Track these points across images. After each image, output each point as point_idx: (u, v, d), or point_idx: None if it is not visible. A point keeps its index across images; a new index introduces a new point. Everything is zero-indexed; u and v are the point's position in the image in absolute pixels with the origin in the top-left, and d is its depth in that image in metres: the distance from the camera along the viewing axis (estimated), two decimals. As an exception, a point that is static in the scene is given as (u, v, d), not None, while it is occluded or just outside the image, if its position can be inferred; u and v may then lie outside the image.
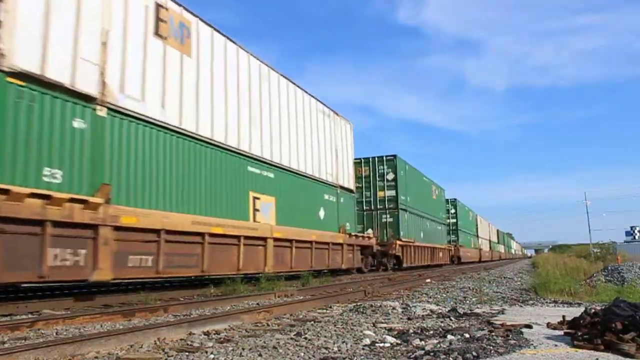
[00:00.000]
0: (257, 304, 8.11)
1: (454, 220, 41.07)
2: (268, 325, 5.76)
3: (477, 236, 51.07)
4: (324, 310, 7.30)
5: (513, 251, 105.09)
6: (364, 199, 24.00)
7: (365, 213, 23.90)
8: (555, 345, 4.30)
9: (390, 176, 24.02)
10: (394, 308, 7.09)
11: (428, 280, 14.87)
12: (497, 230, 74.63)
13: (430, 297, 9.60)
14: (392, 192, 23.81)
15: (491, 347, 4.11)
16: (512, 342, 4.38)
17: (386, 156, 24.35)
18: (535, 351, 4.05)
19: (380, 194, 23.96)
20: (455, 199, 42.06)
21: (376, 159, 24.35)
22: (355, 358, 3.91)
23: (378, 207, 23.96)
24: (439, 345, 4.25)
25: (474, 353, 3.84)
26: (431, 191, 32.07)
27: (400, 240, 23.47)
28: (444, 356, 3.76)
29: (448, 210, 39.73)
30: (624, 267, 13.04)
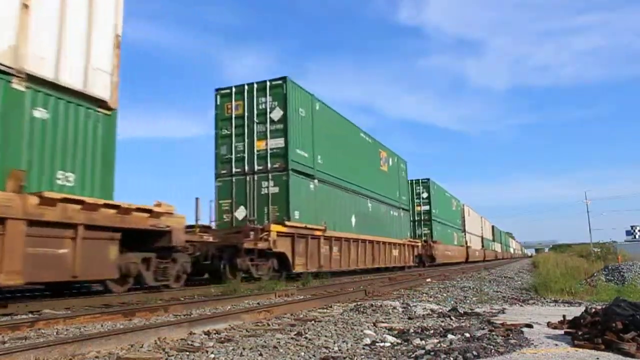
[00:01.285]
0: (258, 303, 8.11)
1: (427, 208, 31.37)
2: (268, 324, 5.76)
3: (464, 231, 42.40)
4: (325, 310, 7.29)
5: (512, 250, 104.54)
6: (233, 155, 14.59)
7: (234, 179, 14.48)
8: (556, 345, 4.30)
9: (277, 114, 14.31)
10: (394, 307, 7.08)
11: (428, 279, 15.06)
12: (493, 227, 65.01)
13: (431, 297, 9.61)
14: (279, 142, 14.18)
15: (492, 347, 4.10)
16: (513, 341, 4.38)
17: (271, 80, 14.67)
18: (536, 350, 4.05)
19: (259, 144, 14.35)
20: (428, 179, 31.83)
21: (255, 86, 14.75)
22: (355, 357, 3.91)
23: (256, 167, 14.30)
24: (439, 345, 4.24)
25: (475, 352, 3.84)
26: (378, 158, 21.90)
27: (286, 225, 13.37)
28: (445, 355, 3.76)
29: (419, 194, 31.34)
30: (625, 267, 13.05)
